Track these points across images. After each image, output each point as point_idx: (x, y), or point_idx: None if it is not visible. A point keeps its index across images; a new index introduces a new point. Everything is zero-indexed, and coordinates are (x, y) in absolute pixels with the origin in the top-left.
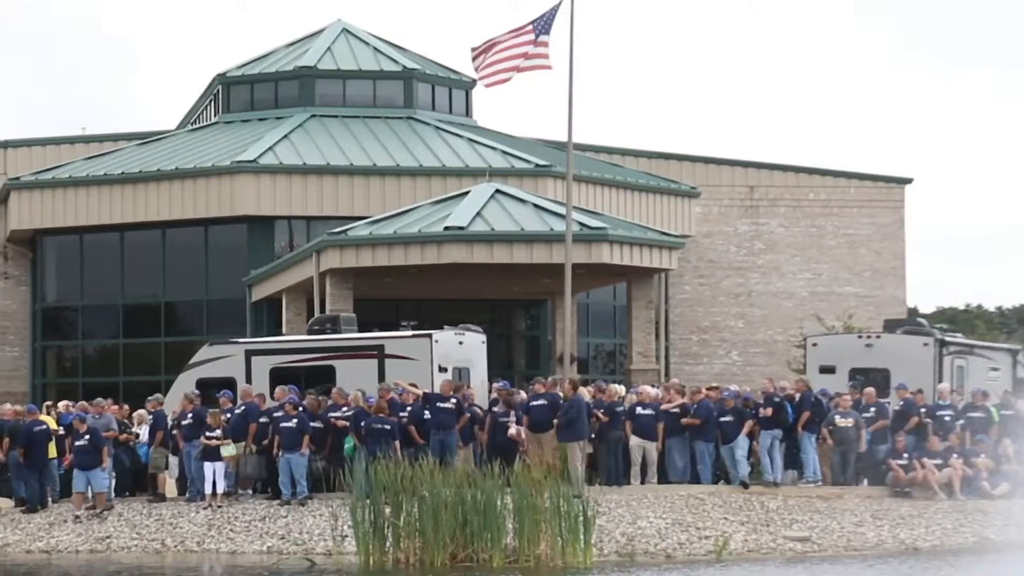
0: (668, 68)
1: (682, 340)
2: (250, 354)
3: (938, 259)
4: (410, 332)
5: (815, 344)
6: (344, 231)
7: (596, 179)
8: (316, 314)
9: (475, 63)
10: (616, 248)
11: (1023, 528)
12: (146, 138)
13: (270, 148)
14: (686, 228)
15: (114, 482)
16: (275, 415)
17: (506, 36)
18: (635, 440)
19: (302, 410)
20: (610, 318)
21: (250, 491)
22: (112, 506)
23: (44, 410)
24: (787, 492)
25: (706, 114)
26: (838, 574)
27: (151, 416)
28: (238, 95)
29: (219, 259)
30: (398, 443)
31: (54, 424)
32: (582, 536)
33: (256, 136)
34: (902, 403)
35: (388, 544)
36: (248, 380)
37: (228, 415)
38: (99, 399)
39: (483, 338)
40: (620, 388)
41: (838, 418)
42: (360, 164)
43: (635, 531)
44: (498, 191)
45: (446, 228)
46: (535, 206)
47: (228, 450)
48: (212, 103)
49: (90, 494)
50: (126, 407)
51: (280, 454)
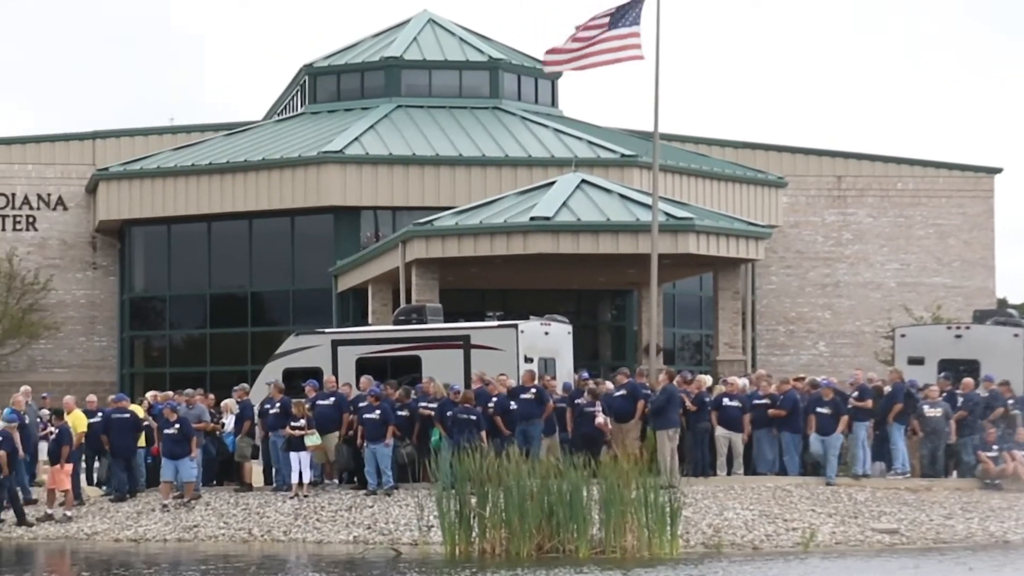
0: (755, 56)
1: (768, 331)
2: (336, 344)
3: None
4: (496, 322)
5: (903, 335)
6: (430, 221)
7: (682, 169)
8: (402, 304)
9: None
10: (702, 238)
11: None
12: (233, 129)
13: (356, 139)
14: (773, 218)
15: (201, 471)
16: (359, 405)
17: (591, 24)
18: (721, 431)
19: (385, 400)
20: (696, 309)
21: (336, 481)
22: (199, 495)
23: (138, 400)
24: (875, 484)
25: (793, 103)
26: (927, 567)
27: (238, 406)
28: (325, 86)
29: (305, 249)
30: (484, 433)
31: (143, 413)
32: (669, 527)
33: (342, 127)
34: (987, 394)
35: (474, 534)
36: (334, 370)
37: (311, 405)
38: (189, 390)
39: (569, 328)
40: (707, 379)
41: (927, 409)
42: (446, 154)
43: (721, 522)
44: (584, 181)
45: (532, 218)
46: (621, 196)
47: (312, 440)
48: (299, 94)
49: (178, 483)
50: (212, 397)
51: (365, 445)
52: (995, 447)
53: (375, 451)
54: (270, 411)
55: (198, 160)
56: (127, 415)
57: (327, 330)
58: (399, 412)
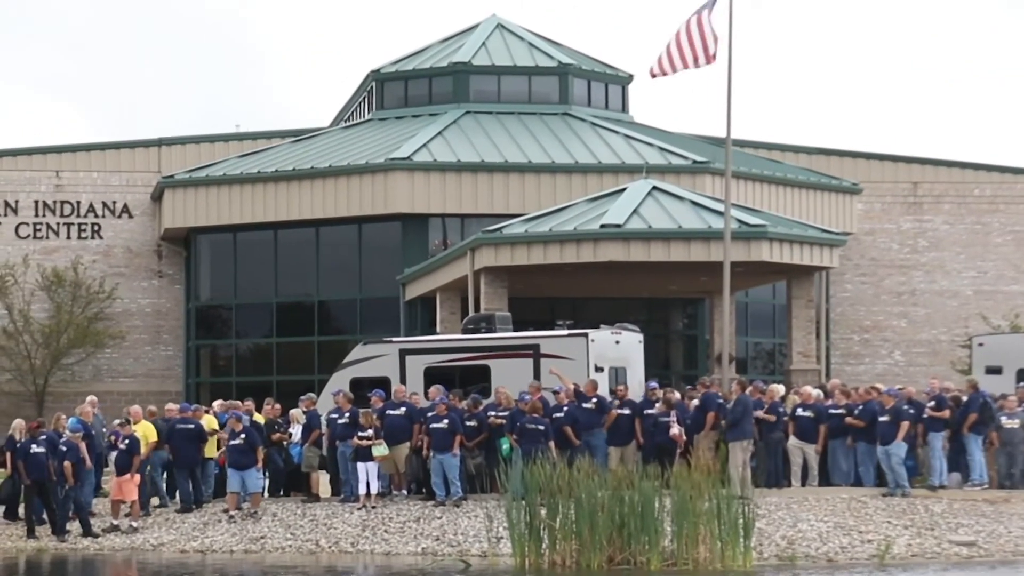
0: (829, 61)
1: (843, 340)
2: (404, 353)
3: None
4: (566, 331)
5: (981, 344)
6: (499, 229)
7: (755, 175)
8: (471, 313)
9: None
10: (776, 246)
11: None
12: (300, 135)
13: (424, 145)
14: (848, 225)
15: (268, 482)
16: (428, 415)
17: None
18: (794, 441)
19: (454, 410)
20: (769, 317)
21: (404, 491)
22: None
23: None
24: (952, 495)
25: (868, 109)
26: None
27: (305, 416)
28: (392, 91)
29: (373, 257)
30: (552, 443)
31: (214, 424)
32: (742, 539)
33: (410, 133)
34: None
35: (544, 546)
36: (402, 380)
37: (378, 415)
38: (235, 401)
39: (640, 337)
40: (780, 388)
41: (1004, 419)
42: (515, 161)
43: (795, 534)
44: (655, 188)
45: (602, 226)
46: (693, 203)
47: (380, 450)
48: (366, 100)
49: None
50: (278, 406)
51: (432, 455)
52: None
53: (443, 461)
54: (338, 421)
55: (264, 167)
56: (191, 425)
57: (395, 339)
58: (468, 422)
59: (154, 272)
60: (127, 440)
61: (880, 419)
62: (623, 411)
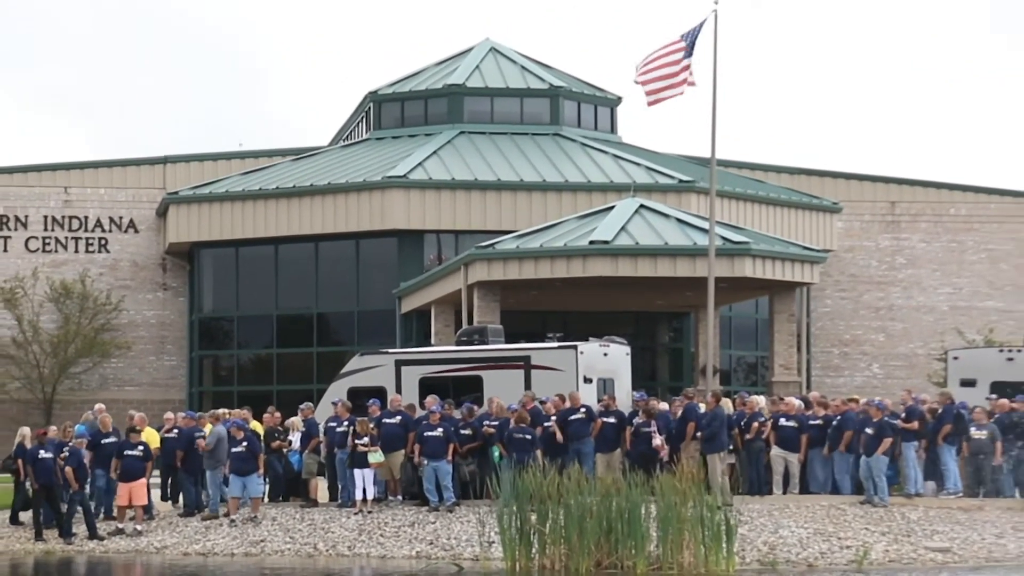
0: (810, 84)
1: (823, 353)
2: (400, 364)
3: None
4: (556, 344)
5: (956, 357)
6: (491, 245)
7: (739, 194)
8: (464, 325)
9: (639, 75)
10: (758, 262)
11: None
12: (300, 154)
13: (420, 164)
14: (828, 243)
15: (267, 487)
16: (422, 423)
17: (662, 51)
18: (777, 451)
19: (447, 419)
20: (752, 331)
21: (400, 497)
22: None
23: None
24: (927, 503)
25: (848, 130)
26: None
27: (304, 424)
28: (389, 112)
29: (370, 272)
30: (539, 452)
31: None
32: (725, 544)
33: (406, 152)
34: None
35: (534, 550)
36: (398, 389)
37: (375, 423)
38: (222, 410)
39: (627, 350)
40: (760, 399)
41: (973, 430)
42: (507, 179)
43: (777, 540)
44: (642, 206)
45: (591, 242)
46: (678, 221)
47: (375, 457)
48: (364, 120)
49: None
50: (279, 415)
51: (425, 462)
52: None
53: (437, 468)
54: (336, 429)
55: (266, 184)
56: (201, 433)
57: (391, 350)
58: (462, 431)
59: (159, 285)
60: (139, 447)
61: (866, 429)
62: (609, 420)
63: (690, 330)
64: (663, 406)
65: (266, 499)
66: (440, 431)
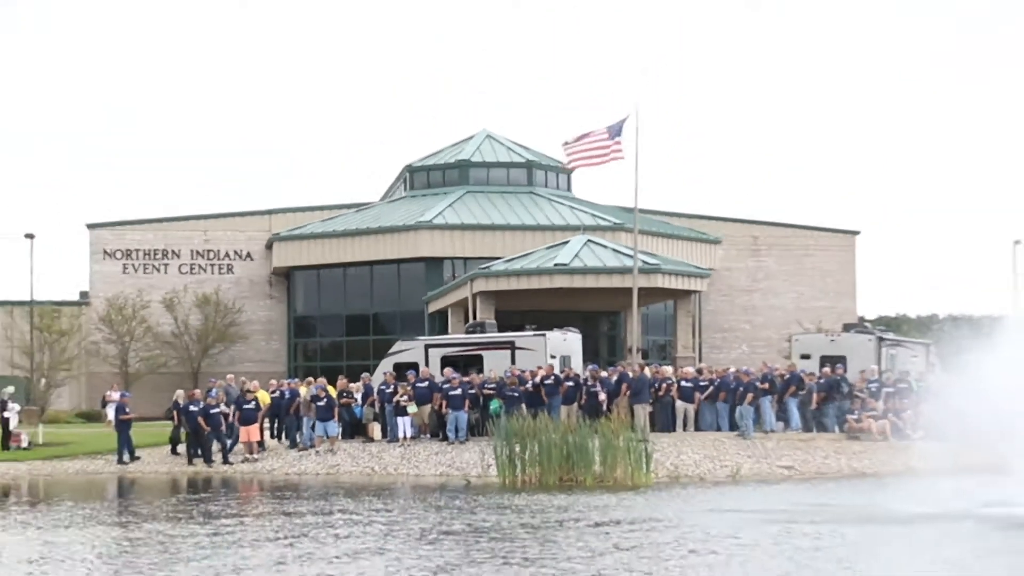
0: (700, 158)
1: (710, 337)
2: (427, 347)
3: (881, 283)
4: (532, 332)
5: (797, 340)
6: (488, 267)
7: (654, 232)
8: (470, 321)
9: (565, 149)
10: (667, 277)
11: (931, 460)
12: (360, 207)
13: (440, 212)
14: (712, 264)
15: (340, 430)
16: (444, 386)
17: (589, 135)
18: (679, 403)
19: (463, 383)
20: (663, 323)
21: (428, 436)
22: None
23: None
24: (779, 437)
25: (724, 185)
26: (814, 490)
27: (364, 387)
28: (419, 178)
29: (407, 285)
30: (524, 405)
31: (305, 392)
32: (644, 465)
33: (431, 205)
34: (837, 379)
35: (518, 470)
36: (426, 364)
37: (411, 387)
38: (309, 378)
39: (579, 336)
40: (668, 368)
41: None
42: (499, 223)
43: (679, 462)
44: (589, 240)
45: (555, 264)
46: (614, 250)
47: (412, 408)
48: (402, 183)
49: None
50: (346, 381)
51: (448, 412)
52: (856, 412)
53: (456, 416)
54: (385, 390)
55: (337, 227)
56: (298, 393)
57: (421, 338)
58: (470, 391)
59: (267, 295)
60: (252, 402)
61: (739, 389)
62: (569, 383)
63: (622, 323)
64: (604, 374)
65: (339, 437)
66: (460, 390)
